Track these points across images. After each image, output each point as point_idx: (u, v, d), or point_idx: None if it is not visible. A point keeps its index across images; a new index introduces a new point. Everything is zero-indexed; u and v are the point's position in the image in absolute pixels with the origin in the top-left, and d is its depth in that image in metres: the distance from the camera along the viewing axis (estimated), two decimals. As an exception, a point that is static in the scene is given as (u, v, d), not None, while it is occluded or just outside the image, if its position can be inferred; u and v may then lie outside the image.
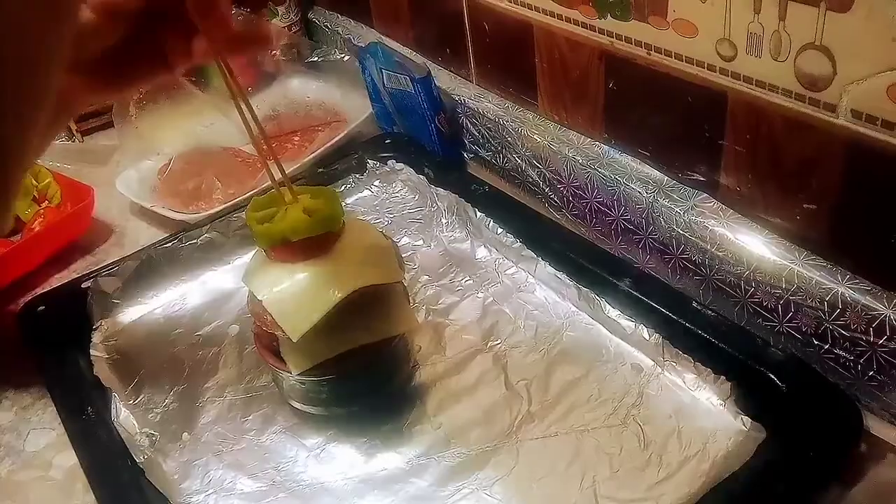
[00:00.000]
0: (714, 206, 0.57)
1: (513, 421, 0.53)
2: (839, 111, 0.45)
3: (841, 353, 0.50)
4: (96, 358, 0.61)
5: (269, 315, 0.49)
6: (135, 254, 0.70)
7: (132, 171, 0.85)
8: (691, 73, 0.54)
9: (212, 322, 0.66)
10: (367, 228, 0.56)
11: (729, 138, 0.54)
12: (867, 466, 0.47)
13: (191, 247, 0.71)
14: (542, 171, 0.72)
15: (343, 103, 0.91)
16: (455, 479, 0.50)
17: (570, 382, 0.56)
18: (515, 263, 0.66)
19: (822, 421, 0.48)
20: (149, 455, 0.53)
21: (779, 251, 0.53)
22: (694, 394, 0.53)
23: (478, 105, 0.77)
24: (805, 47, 0.45)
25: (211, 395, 0.59)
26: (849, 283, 0.49)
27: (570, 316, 0.61)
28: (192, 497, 0.52)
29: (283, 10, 0.97)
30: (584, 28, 0.61)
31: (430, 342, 0.61)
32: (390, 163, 0.79)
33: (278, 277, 0.50)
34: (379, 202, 0.78)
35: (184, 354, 0.63)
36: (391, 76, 0.79)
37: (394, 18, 0.88)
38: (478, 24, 0.74)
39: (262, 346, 0.54)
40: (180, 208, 0.79)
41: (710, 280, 0.58)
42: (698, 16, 0.51)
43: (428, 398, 0.56)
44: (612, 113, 0.64)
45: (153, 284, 0.69)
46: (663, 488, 0.48)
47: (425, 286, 0.66)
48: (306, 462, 0.53)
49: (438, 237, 0.72)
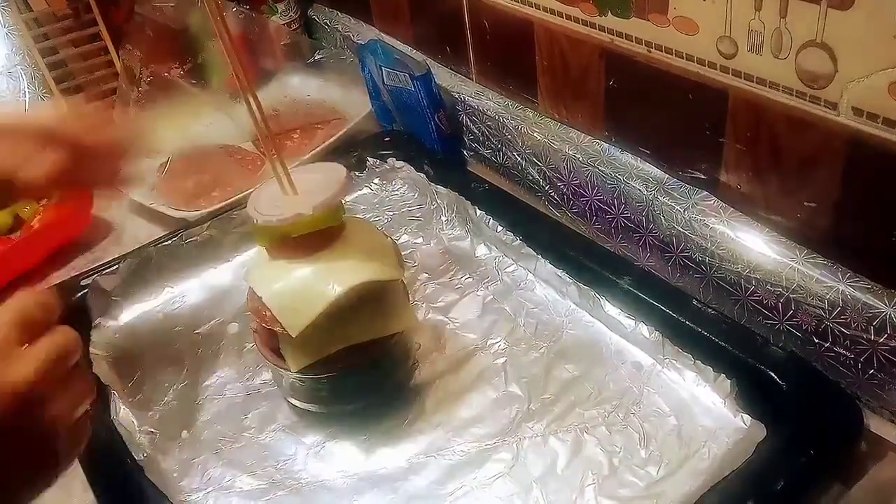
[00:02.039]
0: (714, 203, 0.57)
1: (512, 419, 0.53)
2: (840, 109, 0.45)
3: (841, 352, 0.50)
4: (95, 356, 0.61)
5: (269, 311, 0.49)
6: (134, 251, 0.70)
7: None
8: (692, 71, 0.54)
9: (211, 320, 0.66)
10: (366, 227, 0.56)
11: (729, 136, 0.54)
12: (867, 465, 0.47)
13: (190, 244, 0.71)
14: (542, 169, 0.71)
15: (343, 101, 0.91)
16: (455, 477, 0.50)
17: (570, 380, 0.55)
18: (515, 261, 0.66)
19: (822, 419, 0.48)
20: (148, 453, 0.53)
21: (779, 249, 0.53)
22: (694, 392, 0.53)
23: (478, 103, 0.77)
24: (806, 45, 0.45)
25: (210, 392, 0.59)
26: (849, 281, 0.49)
27: (570, 314, 0.61)
28: (192, 495, 0.52)
29: (283, 7, 0.97)
30: (585, 26, 0.61)
31: (429, 340, 0.61)
32: (390, 160, 0.79)
33: (278, 274, 0.50)
34: (379, 200, 0.78)
35: (183, 352, 0.63)
36: (391, 74, 0.79)
37: (393, 16, 0.88)
38: (478, 21, 0.74)
39: (262, 343, 0.54)
40: (180, 206, 0.79)
41: (711, 278, 0.57)
42: (699, 13, 0.51)
43: (428, 396, 0.56)
44: (613, 111, 0.64)
45: (152, 282, 0.69)
46: (663, 486, 0.48)
47: (425, 284, 0.66)
48: (306, 460, 0.53)
49: (438, 235, 0.72)
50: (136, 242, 0.76)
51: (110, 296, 0.67)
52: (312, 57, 0.95)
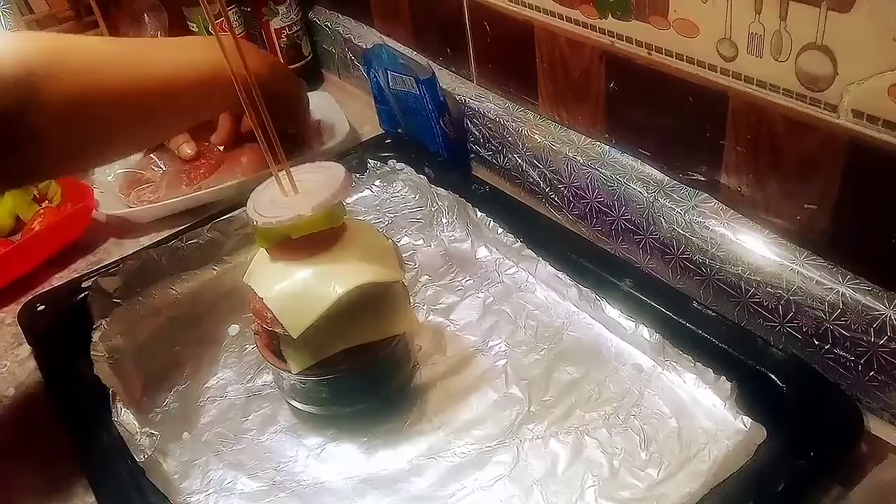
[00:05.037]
0: (715, 206, 0.57)
1: (513, 421, 0.53)
2: (840, 111, 0.45)
3: (841, 354, 0.50)
4: (96, 357, 0.61)
5: (270, 312, 0.49)
6: (135, 253, 0.70)
7: (109, 178, 0.85)
8: (692, 73, 0.54)
9: (212, 322, 0.66)
10: (367, 228, 0.56)
11: (730, 138, 0.54)
12: (867, 466, 0.47)
13: (191, 246, 0.71)
14: (542, 171, 0.72)
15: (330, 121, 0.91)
16: (455, 479, 0.50)
17: (571, 382, 0.56)
18: (516, 263, 0.66)
19: (822, 421, 0.48)
20: (149, 454, 0.53)
21: (779, 251, 0.53)
22: (694, 394, 0.53)
23: (478, 105, 0.77)
24: (806, 47, 0.45)
25: (211, 394, 0.59)
26: (849, 284, 0.49)
27: (571, 316, 0.61)
28: (193, 497, 0.52)
29: (284, 9, 0.97)
30: (585, 28, 0.61)
31: (430, 342, 0.61)
32: (391, 162, 0.79)
33: (279, 275, 0.50)
34: (379, 202, 0.78)
35: (184, 354, 0.63)
36: (396, 78, 0.79)
37: (394, 18, 0.88)
38: (478, 23, 0.74)
39: (263, 345, 0.54)
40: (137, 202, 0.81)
41: (711, 280, 0.58)
42: (699, 16, 0.51)
43: (428, 398, 0.56)
44: (613, 113, 0.64)
45: (154, 284, 0.69)
46: (663, 488, 0.48)
47: (426, 286, 0.66)
48: (307, 462, 0.53)
49: (439, 237, 0.72)
50: (137, 244, 0.76)
51: (111, 297, 0.67)
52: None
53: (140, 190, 0.82)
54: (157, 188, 0.82)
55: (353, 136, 0.86)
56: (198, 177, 0.82)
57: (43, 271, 0.75)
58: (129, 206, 0.81)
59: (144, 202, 0.81)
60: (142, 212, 0.79)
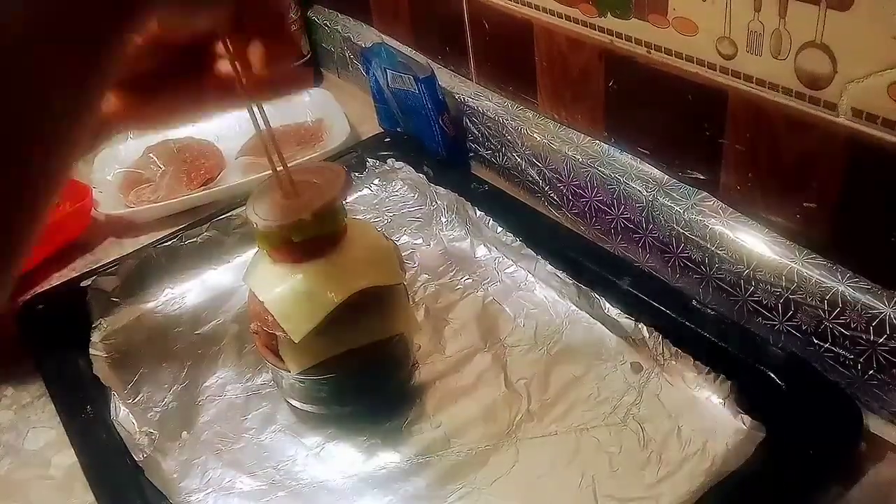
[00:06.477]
0: (714, 204, 0.57)
1: (512, 420, 0.53)
2: (839, 110, 0.45)
3: (841, 352, 0.50)
4: (95, 357, 0.61)
5: (270, 315, 0.49)
6: (134, 252, 0.70)
7: (109, 177, 0.85)
8: (691, 72, 0.54)
9: (211, 321, 0.66)
10: (368, 230, 0.56)
11: (729, 137, 0.54)
12: (867, 465, 0.47)
13: (190, 245, 0.71)
14: (541, 170, 0.71)
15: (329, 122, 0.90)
16: (454, 479, 0.50)
17: (570, 381, 0.55)
18: (515, 262, 0.66)
19: (821, 420, 0.48)
20: (148, 454, 0.53)
21: (779, 250, 0.53)
22: (694, 392, 0.53)
23: (478, 103, 0.77)
24: (805, 46, 0.45)
25: (210, 393, 0.59)
26: (849, 282, 0.49)
27: (570, 314, 0.61)
28: (192, 496, 0.52)
29: (283, 8, 0.96)
30: (585, 27, 0.61)
31: (429, 341, 0.61)
32: (390, 161, 0.79)
33: (280, 278, 0.50)
34: (378, 201, 0.78)
35: (183, 353, 0.63)
36: (395, 76, 0.79)
37: (394, 17, 0.88)
38: (478, 22, 0.74)
39: (262, 344, 0.54)
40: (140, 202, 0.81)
41: (710, 279, 0.58)
42: (698, 14, 0.51)
43: (427, 397, 0.56)
44: (612, 111, 0.64)
45: (152, 283, 0.69)
46: (663, 487, 0.48)
47: (425, 285, 0.66)
48: (306, 461, 0.53)
49: (438, 236, 0.72)
50: (136, 243, 0.76)
51: (110, 296, 0.67)
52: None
53: (140, 190, 0.82)
54: (156, 188, 0.82)
55: (352, 134, 0.86)
56: (198, 177, 0.82)
57: (42, 270, 0.75)
58: (128, 205, 0.81)
59: (144, 202, 0.81)
60: (141, 212, 0.79)
